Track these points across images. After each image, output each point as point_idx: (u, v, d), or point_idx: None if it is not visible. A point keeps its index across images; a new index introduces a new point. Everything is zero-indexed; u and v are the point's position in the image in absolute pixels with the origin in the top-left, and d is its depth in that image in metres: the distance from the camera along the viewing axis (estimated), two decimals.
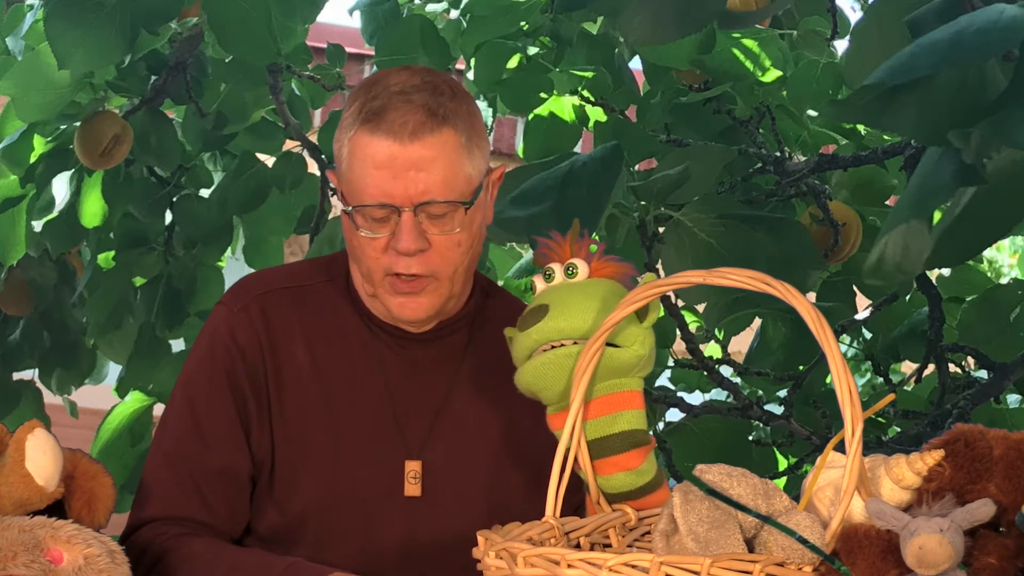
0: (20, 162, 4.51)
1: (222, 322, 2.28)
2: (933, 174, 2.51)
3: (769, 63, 3.99)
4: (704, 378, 4.12)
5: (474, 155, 2.20)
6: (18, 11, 4.32)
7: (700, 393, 4.35)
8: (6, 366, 4.89)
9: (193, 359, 2.30)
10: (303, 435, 2.25)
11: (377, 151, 2.15)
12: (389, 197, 2.15)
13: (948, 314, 3.89)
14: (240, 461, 2.25)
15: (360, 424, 2.26)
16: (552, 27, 4.14)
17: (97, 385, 5.09)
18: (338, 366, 2.27)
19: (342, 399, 2.26)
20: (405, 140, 2.14)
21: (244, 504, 2.26)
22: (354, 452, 2.25)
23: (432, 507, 2.25)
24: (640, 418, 2.17)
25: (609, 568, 1.75)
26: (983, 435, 1.86)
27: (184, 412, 2.27)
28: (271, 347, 2.26)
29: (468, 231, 2.20)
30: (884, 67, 2.35)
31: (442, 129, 2.16)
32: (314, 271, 2.34)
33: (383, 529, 2.24)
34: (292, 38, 4.23)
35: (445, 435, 2.28)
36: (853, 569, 1.78)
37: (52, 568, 1.88)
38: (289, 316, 2.28)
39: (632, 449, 2.14)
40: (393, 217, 2.16)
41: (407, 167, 2.14)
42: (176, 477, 2.24)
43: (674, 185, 3.49)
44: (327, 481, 2.24)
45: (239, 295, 2.30)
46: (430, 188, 2.15)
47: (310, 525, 2.24)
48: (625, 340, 2.11)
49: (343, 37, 4.83)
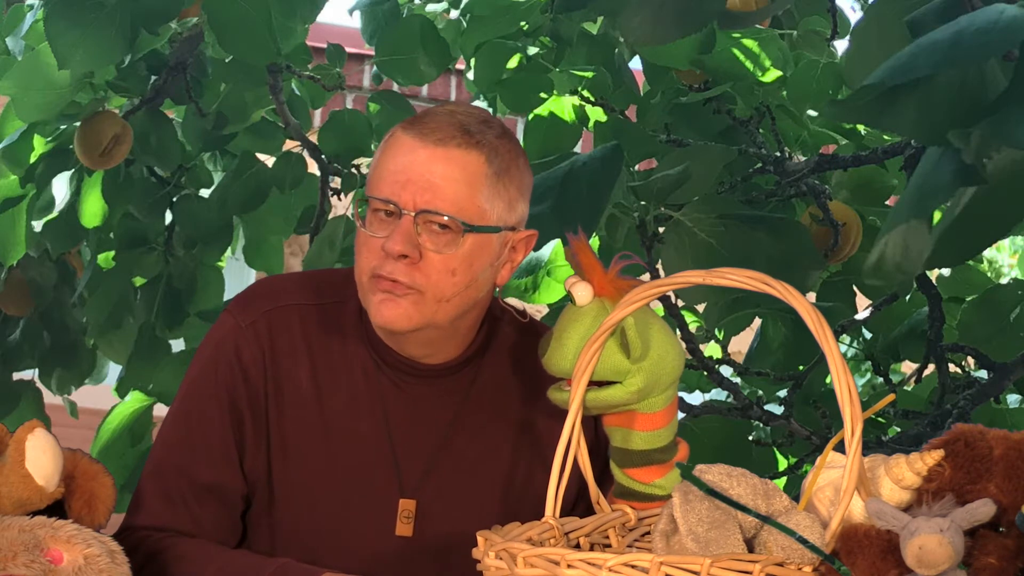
0: (20, 162, 4.50)
1: (228, 336, 2.26)
2: (933, 174, 2.51)
3: (769, 63, 3.99)
4: (704, 378, 4.12)
5: (498, 193, 2.17)
6: (18, 11, 4.32)
7: (700, 393, 4.34)
8: (6, 366, 4.89)
9: (196, 369, 2.28)
10: (299, 462, 2.23)
11: (400, 147, 2.16)
12: (394, 192, 2.14)
13: (948, 314, 3.89)
14: (230, 480, 2.23)
15: (356, 457, 2.23)
16: (552, 27, 4.14)
17: (97, 385, 5.08)
18: (340, 395, 2.25)
19: (340, 430, 2.24)
20: (429, 144, 2.14)
21: (233, 522, 2.25)
22: (348, 485, 2.23)
23: (422, 548, 2.23)
24: (652, 437, 2.16)
25: (609, 568, 1.76)
26: (983, 435, 1.86)
27: (180, 424, 2.26)
28: (275, 368, 2.24)
29: (467, 264, 2.15)
30: (884, 67, 2.35)
31: (469, 150, 2.15)
32: (329, 289, 2.30)
33: (371, 566, 2.20)
34: (292, 38, 4.22)
35: (442, 475, 2.25)
36: (853, 569, 1.78)
37: (52, 568, 1.88)
38: (296, 337, 2.25)
39: (645, 466, 2.14)
40: (395, 221, 2.14)
41: (422, 171, 2.13)
42: (165, 488, 2.23)
43: (674, 185, 3.48)
44: (319, 512, 2.23)
45: (248, 308, 2.27)
46: (436, 198, 2.13)
47: (299, 554, 2.21)
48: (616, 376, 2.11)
49: (343, 37, 4.83)
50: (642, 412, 2.12)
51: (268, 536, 2.25)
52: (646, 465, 2.14)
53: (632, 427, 2.13)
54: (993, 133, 2.31)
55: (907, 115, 2.42)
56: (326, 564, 2.17)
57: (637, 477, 2.13)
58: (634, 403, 2.10)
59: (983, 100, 2.39)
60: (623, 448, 2.13)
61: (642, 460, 2.13)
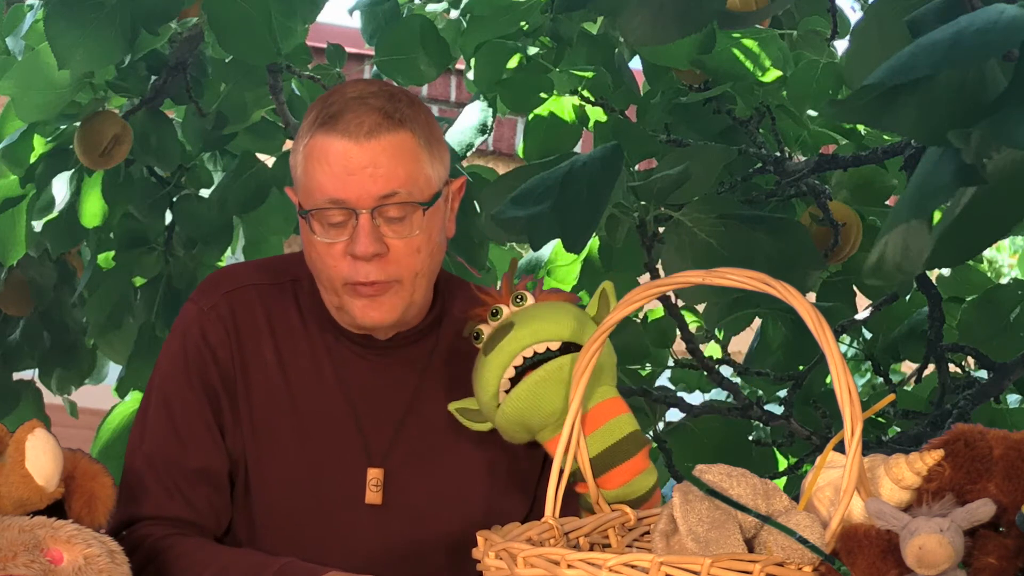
0: (20, 162, 4.50)
1: (192, 321, 2.28)
2: (933, 174, 2.51)
3: (769, 63, 3.99)
4: (704, 378, 4.12)
5: (434, 159, 2.19)
6: (18, 11, 4.31)
7: (700, 393, 4.34)
8: (6, 366, 4.89)
9: (166, 358, 2.30)
10: (268, 437, 2.25)
11: (331, 151, 2.14)
12: (344, 196, 2.13)
13: (948, 314, 3.89)
14: (217, 461, 2.25)
15: (322, 429, 2.25)
16: (552, 27, 4.14)
17: (97, 385, 5.09)
18: (303, 370, 2.27)
19: (306, 403, 2.26)
20: (361, 139, 2.13)
21: (225, 503, 2.27)
22: (316, 458, 2.24)
23: (393, 515, 2.24)
24: (633, 419, 2.18)
25: (609, 568, 1.76)
26: (983, 435, 1.86)
27: (160, 412, 2.27)
28: (240, 347, 2.26)
29: (427, 236, 2.18)
30: (884, 67, 2.35)
31: (399, 131, 2.15)
32: (282, 269, 2.32)
33: (344, 536, 2.23)
34: (292, 38, 4.22)
35: (409, 443, 2.26)
36: (853, 569, 1.78)
37: (52, 568, 1.88)
38: (257, 315, 2.28)
39: (641, 450, 2.15)
40: (350, 221, 2.14)
41: (363, 165, 2.13)
42: (158, 478, 2.24)
43: (674, 185, 3.48)
44: (290, 486, 2.24)
45: (208, 292, 2.30)
46: (387, 187, 2.13)
47: (274, 528, 2.24)
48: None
49: (343, 37, 4.83)
50: (616, 396, 2.18)
51: (246, 514, 2.27)
52: (641, 448, 2.18)
53: (618, 413, 2.18)
54: (993, 133, 2.31)
55: (907, 115, 2.42)
56: (299, 537, 2.21)
57: (639, 467, 2.17)
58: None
59: (983, 100, 2.39)
60: (615, 443, 2.16)
61: (637, 444, 2.17)
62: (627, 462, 2.14)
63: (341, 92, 2.20)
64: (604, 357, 2.14)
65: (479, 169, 4.41)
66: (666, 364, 4.21)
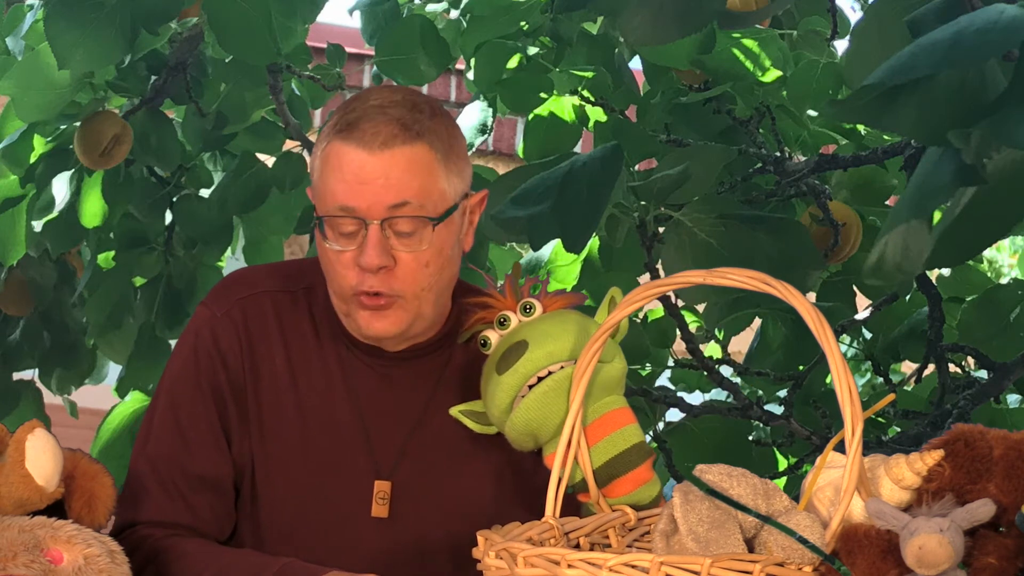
0: (20, 162, 4.51)
1: (204, 325, 2.28)
2: (933, 174, 2.50)
3: (769, 63, 3.99)
4: (704, 378, 4.12)
5: (451, 173, 2.17)
6: (18, 11, 4.32)
7: (700, 393, 4.34)
8: (6, 366, 4.89)
9: (177, 361, 2.29)
10: (277, 446, 2.25)
11: (345, 159, 2.14)
12: (355, 205, 2.13)
13: (948, 314, 3.89)
14: (222, 468, 2.25)
15: (331, 440, 2.25)
16: (552, 27, 4.14)
17: (97, 385, 5.09)
18: (314, 379, 2.26)
19: (315, 414, 2.25)
20: (375, 149, 2.13)
21: (228, 509, 2.26)
22: (324, 468, 2.24)
23: (399, 529, 2.24)
24: (640, 429, 2.18)
25: (609, 568, 1.76)
26: (983, 435, 1.86)
27: (167, 416, 2.26)
28: (251, 354, 2.26)
29: (437, 252, 2.17)
30: (884, 67, 2.35)
31: (415, 143, 2.14)
32: (298, 276, 2.32)
33: (349, 549, 2.22)
34: (292, 38, 4.22)
35: (417, 457, 2.26)
36: (853, 569, 1.78)
37: (52, 568, 1.88)
38: (270, 323, 2.27)
39: (646, 460, 2.15)
40: (361, 232, 2.14)
41: (375, 176, 2.13)
42: (161, 482, 2.24)
43: (674, 185, 3.48)
44: (296, 496, 2.24)
45: (222, 298, 2.30)
46: (398, 198, 2.13)
47: (278, 538, 2.23)
48: (606, 356, 2.12)
49: (343, 37, 4.83)
50: (625, 406, 2.19)
51: (251, 522, 2.26)
52: (646, 459, 2.17)
53: (626, 423, 2.18)
54: (993, 133, 2.31)
55: (907, 115, 2.42)
56: (303, 547, 2.20)
57: (642, 477, 2.17)
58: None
59: (983, 100, 2.39)
60: (620, 453, 2.16)
61: (642, 455, 2.17)
62: (632, 472, 2.14)
63: (364, 99, 2.18)
64: (616, 367, 2.14)
65: (479, 169, 4.41)
66: (666, 364, 4.21)
